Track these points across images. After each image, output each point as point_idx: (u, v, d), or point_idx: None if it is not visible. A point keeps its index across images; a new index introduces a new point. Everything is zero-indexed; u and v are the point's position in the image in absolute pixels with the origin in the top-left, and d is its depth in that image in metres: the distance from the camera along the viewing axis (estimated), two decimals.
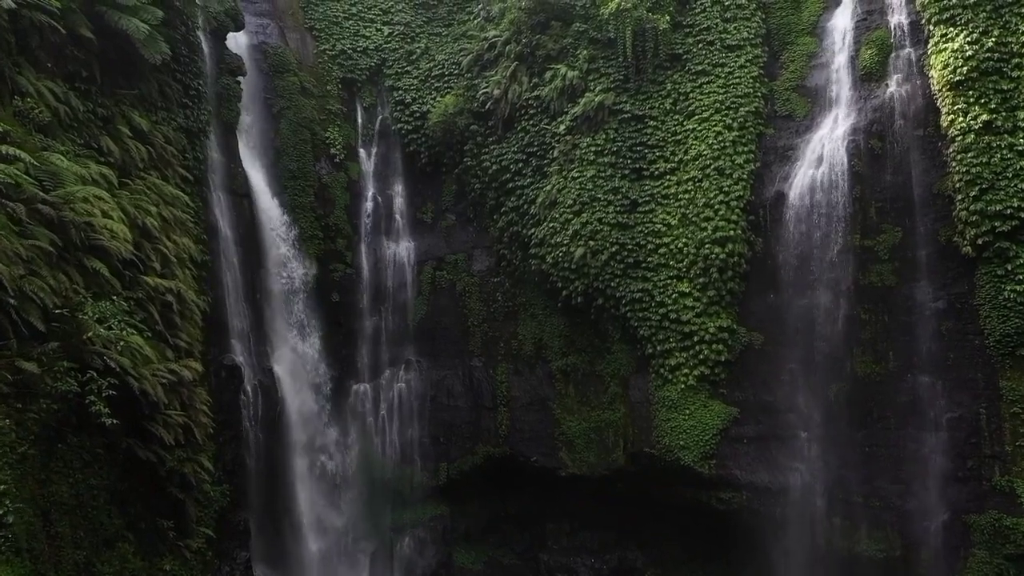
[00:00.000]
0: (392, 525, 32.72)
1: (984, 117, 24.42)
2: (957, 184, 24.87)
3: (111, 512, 18.04)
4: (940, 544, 25.57)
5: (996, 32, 24.73)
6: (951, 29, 25.38)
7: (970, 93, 24.74)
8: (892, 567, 26.42)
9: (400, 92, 34.77)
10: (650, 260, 29.46)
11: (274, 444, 29.08)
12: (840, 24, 28.89)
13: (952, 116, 25.01)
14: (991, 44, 24.66)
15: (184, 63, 25.86)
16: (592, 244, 29.75)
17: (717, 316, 28.50)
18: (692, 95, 29.90)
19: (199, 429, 21.36)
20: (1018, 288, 23.96)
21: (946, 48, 25.35)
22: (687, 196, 29.17)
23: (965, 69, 24.80)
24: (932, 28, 25.91)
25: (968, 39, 24.92)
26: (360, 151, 34.70)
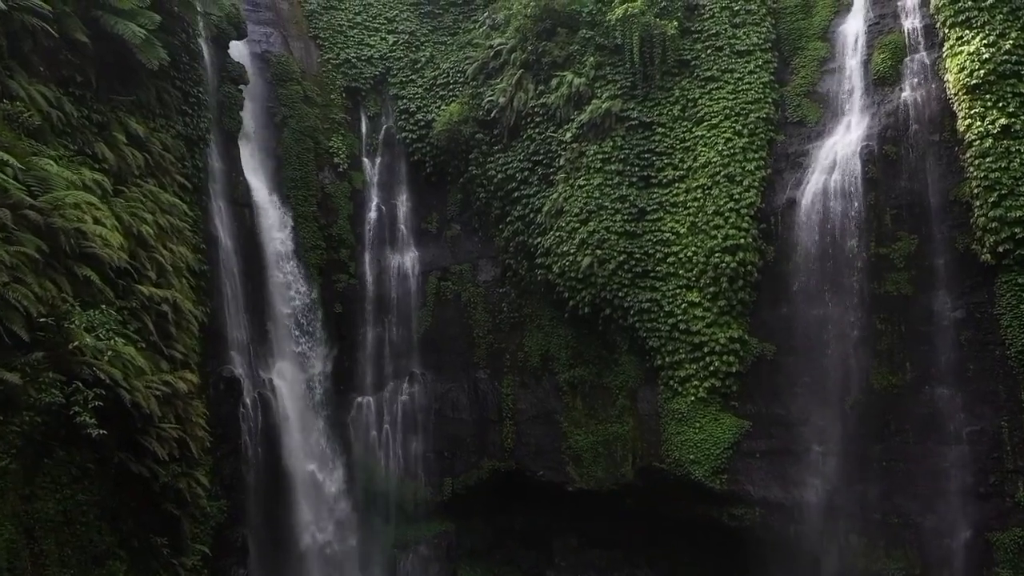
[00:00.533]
0: (395, 542, 32.08)
1: (1002, 121, 23.90)
2: (975, 190, 24.29)
3: (101, 529, 17.56)
4: (962, 563, 24.78)
5: (1014, 34, 24.31)
6: (967, 32, 24.95)
7: (987, 97, 24.25)
8: None
9: (405, 101, 34.45)
10: (659, 269, 28.90)
11: (274, 458, 28.50)
12: (852, 28, 28.57)
13: (969, 120, 24.50)
14: (1008, 47, 24.22)
15: (184, 70, 25.59)
16: (599, 253, 29.18)
17: (728, 326, 27.88)
18: (701, 101, 29.52)
19: (195, 443, 20.98)
20: None
21: (962, 51, 24.87)
22: (696, 204, 28.63)
23: (982, 72, 24.30)
24: (947, 31, 25.47)
25: (985, 42, 24.49)
26: (364, 160, 34.35)
